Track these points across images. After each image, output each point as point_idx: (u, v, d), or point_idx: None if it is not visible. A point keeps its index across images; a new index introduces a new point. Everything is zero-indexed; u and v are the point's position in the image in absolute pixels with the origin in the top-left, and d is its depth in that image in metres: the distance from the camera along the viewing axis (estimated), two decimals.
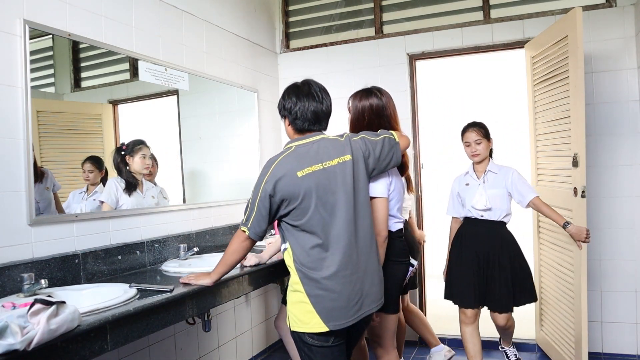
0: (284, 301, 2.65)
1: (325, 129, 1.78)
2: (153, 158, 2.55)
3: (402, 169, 2.09)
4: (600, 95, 3.11)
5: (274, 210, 1.67)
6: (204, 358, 2.80)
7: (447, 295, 2.80)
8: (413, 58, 3.54)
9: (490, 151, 2.75)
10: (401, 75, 3.53)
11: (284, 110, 1.74)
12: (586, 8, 3.14)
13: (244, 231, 1.73)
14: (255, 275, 2.23)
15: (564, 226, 2.53)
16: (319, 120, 1.73)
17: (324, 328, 1.62)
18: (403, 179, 2.17)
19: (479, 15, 3.41)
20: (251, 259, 2.25)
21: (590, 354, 3.15)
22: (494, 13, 3.38)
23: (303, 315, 1.66)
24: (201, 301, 1.92)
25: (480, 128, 2.68)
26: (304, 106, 1.69)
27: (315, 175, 1.63)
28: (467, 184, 2.74)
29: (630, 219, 3.07)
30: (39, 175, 1.95)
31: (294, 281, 1.70)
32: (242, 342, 3.19)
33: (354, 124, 2.10)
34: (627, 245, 3.08)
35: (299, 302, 1.68)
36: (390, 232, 2.01)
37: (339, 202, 1.65)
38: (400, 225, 2.11)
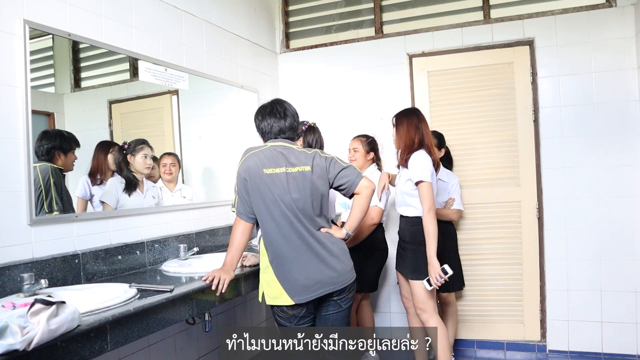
0: None
1: (292, 137, 2.08)
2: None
3: None
4: (600, 95, 3.11)
5: (248, 194, 1.95)
6: (204, 358, 2.80)
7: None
8: (413, 58, 3.53)
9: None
10: (401, 75, 3.53)
11: (257, 128, 2.10)
12: (586, 8, 3.14)
13: (234, 212, 2.03)
14: (255, 275, 2.22)
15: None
16: (283, 132, 2.05)
17: (290, 302, 1.94)
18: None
19: (479, 15, 3.41)
20: (251, 259, 2.25)
21: (590, 353, 3.17)
22: (494, 13, 3.38)
23: (274, 292, 1.97)
24: (201, 301, 1.92)
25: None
26: (268, 124, 2.04)
27: (277, 176, 1.94)
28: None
29: (630, 219, 3.07)
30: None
31: (265, 264, 1.99)
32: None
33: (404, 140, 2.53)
34: (627, 245, 3.08)
35: (270, 282, 1.97)
36: None
37: (293, 200, 1.93)
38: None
